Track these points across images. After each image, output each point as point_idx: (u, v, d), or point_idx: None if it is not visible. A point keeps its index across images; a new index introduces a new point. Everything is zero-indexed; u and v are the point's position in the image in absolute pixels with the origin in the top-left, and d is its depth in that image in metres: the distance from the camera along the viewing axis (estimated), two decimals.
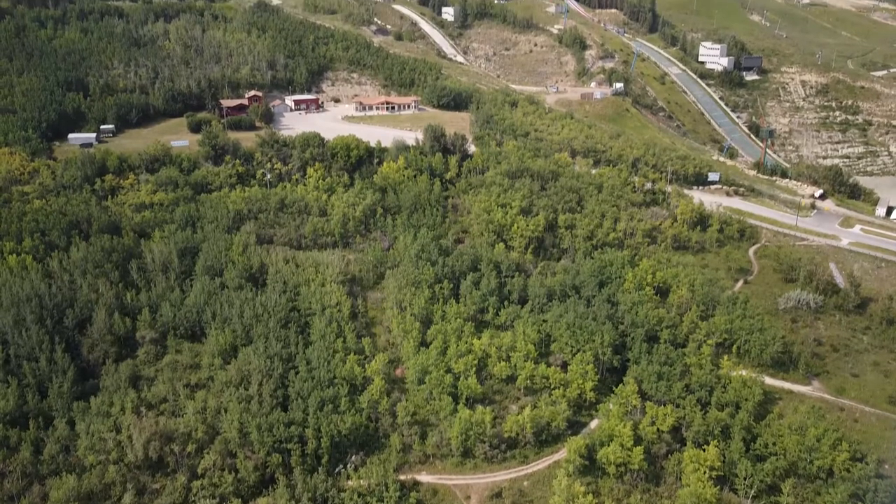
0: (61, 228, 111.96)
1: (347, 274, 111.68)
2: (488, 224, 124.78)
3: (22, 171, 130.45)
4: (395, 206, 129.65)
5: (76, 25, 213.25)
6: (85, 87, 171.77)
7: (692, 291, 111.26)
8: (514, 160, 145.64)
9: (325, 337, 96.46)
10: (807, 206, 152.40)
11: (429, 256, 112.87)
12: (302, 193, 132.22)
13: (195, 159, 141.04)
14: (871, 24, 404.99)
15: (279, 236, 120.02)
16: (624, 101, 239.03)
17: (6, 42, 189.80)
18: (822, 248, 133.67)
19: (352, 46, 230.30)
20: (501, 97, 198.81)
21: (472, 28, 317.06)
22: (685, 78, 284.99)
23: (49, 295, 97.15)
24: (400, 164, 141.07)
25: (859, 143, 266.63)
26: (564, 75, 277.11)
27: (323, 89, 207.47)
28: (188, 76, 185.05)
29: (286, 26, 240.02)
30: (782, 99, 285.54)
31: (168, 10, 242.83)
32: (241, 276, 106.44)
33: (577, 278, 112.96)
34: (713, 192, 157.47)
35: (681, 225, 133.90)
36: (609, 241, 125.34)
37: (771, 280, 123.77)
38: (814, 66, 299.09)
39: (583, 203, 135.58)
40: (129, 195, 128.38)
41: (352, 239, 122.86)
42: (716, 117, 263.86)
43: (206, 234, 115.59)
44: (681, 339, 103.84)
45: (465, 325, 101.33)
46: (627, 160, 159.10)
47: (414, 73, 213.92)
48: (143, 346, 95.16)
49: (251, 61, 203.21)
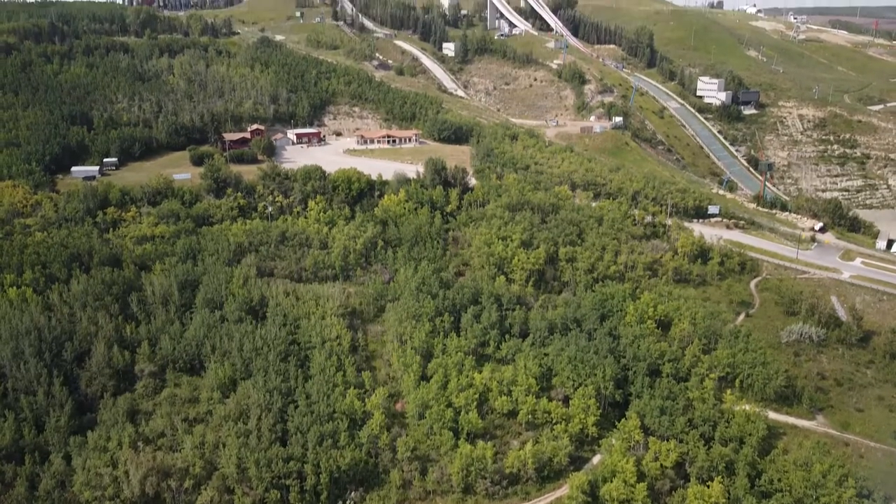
0: (62, 261, 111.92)
1: (348, 307, 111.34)
2: (489, 257, 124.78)
3: (25, 203, 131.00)
4: (396, 239, 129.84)
5: (82, 60, 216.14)
6: (89, 120, 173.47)
7: (694, 325, 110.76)
8: (514, 193, 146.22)
9: (324, 370, 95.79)
10: (807, 238, 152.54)
11: (429, 289, 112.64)
12: (303, 226, 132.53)
13: (197, 192, 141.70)
14: (867, 59, 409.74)
15: (280, 269, 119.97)
16: (623, 134, 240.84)
17: (12, 77, 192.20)
18: (823, 281, 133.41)
19: (353, 81, 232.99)
20: (502, 131, 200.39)
21: (473, 63, 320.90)
22: (684, 112, 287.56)
23: (48, 328, 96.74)
24: (401, 197, 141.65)
25: (858, 177, 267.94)
26: (564, 109, 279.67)
27: (325, 123, 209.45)
28: (191, 110, 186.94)
29: (289, 61, 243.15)
30: (780, 132, 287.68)
31: (173, 46, 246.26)
32: (242, 308, 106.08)
33: (579, 311, 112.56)
34: (713, 225, 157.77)
35: (681, 258, 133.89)
36: (610, 274, 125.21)
37: (773, 313, 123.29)
38: (811, 101, 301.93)
39: (583, 236, 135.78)
40: (131, 228, 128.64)
41: (352, 272, 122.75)
42: (715, 150, 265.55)
43: (206, 267, 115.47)
44: (683, 372, 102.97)
45: (466, 358, 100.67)
46: (627, 193, 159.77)
47: (415, 107, 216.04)
48: (142, 380, 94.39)
49: (254, 95, 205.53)
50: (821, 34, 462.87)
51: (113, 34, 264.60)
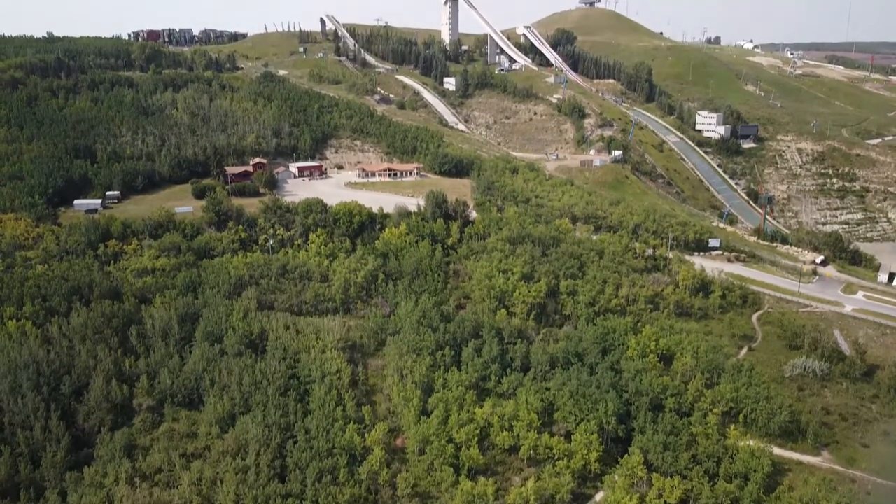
0: (62, 294, 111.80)
1: (348, 340, 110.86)
2: (490, 290, 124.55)
3: (27, 236, 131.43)
4: (397, 272, 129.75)
5: (87, 95, 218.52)
6: (93, 154, 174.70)
7: (696, 359, 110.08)
8: (515, 226, 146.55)
9: (324, 405, 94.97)
10: (808, 272, 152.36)
11: (430, 323, 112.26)
12: (304, 259, 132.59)
13: (198, 225, 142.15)
14: (864, 93, 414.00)
15: (280, 302, 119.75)
16: (623, 168, 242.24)
17: (18, 111, 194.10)
18: (825, 315, 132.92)
19: (355, 115, 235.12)
20: (502, 164, 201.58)
21: (474, 97, 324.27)
22: (683, 146, 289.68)
23: (47, 361, 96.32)
24: (402, 230, 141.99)
25: (858, 210, 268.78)
26: (564, 143, 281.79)
27: (326, 156, 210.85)
28: (194, 144, 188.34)
29: (291, 95, 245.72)
30: (779, 166, 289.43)
31: (177, 80, 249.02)
32: (241, 342, 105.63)
33: (580, 345, 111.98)
34: (714, 259, 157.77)
35: (683, 291, 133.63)
36: (611, 308, 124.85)
37: (775, 347, 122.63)
38: (809, 135, 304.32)
39: (584, 269, 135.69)
40: (132, 261, 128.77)
41: (353, 305, 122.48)
42: (714, 184, 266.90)
43: (206, 300, 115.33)
44: (686, 407, 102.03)
45: (467, 393, 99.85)
46: (628, 226, 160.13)
47: (416, 140, 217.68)
48: (140, 414, 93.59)
49: (257, 129, 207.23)
50: (817, 69, 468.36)
51: (118, 69, 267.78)
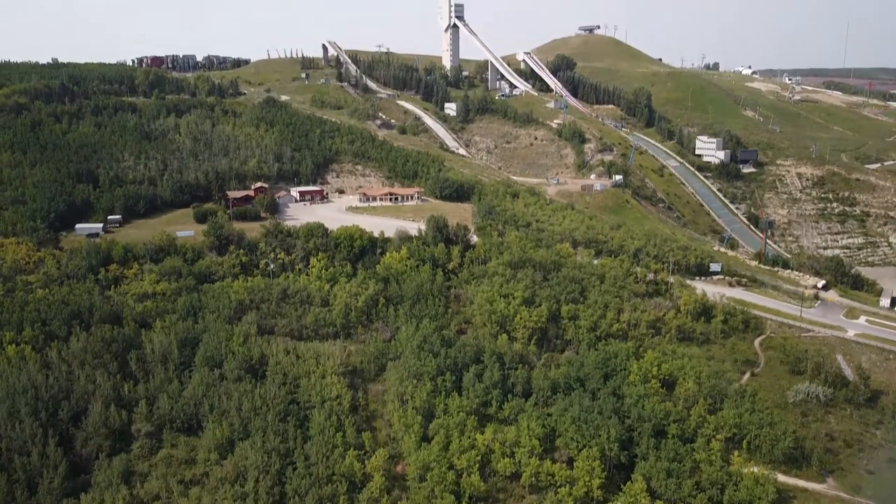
0: (62, 318, 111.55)
1: (348, 365, 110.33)
2: (491, 315, 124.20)
3: (28, 260, 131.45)
4: (398, 297, 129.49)
5: (90, 120, 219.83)
6: (95, 178, 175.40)
7: (699, 384, 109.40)
8: (516, 251, 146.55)
9: (324, 431, 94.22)
10: (810, 296, 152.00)
11: (431, 348, 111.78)
12: (304, 283, 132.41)
13: (200, 249, 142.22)
14: (862, 118, 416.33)
15: (280, 327, 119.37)
16: (624, 192, 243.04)
17: (22, 136, 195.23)
18: (828, 340, 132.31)
19: (357, 140, 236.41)
20: (503, 189, 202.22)
21: (474, 122, 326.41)
22: (683, 170, 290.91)
23: (45, 386, 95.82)
24: (403, 255, 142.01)
25: (858, 234, 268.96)
26: (565, 167, 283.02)
27: (328, 181, 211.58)
28: (196, 168, 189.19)
29: (293, 121, 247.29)
30: (780, 191, 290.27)
31: (180, 106, 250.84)
32: (241, 367, 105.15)
33: (582, 370, 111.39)
34: (715, 283, 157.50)
35: (684, 316, 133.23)
36: (613, 333, 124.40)
37: (778, 372, 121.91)
38: (808, 159, 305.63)
39: (585, 294, 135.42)
40: (133, 285, 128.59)
41: (353, 329, 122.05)
42: (715, 208, 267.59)
43: (207, 325, 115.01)
44: (689, 433, 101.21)
45: (468, 419, 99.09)
46: (629, 251, 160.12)
47: (417, 165, 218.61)
48: (138, 440, 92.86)
49: (258, 154, 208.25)
50: (816, 95, 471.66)
51: (122, 94, 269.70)
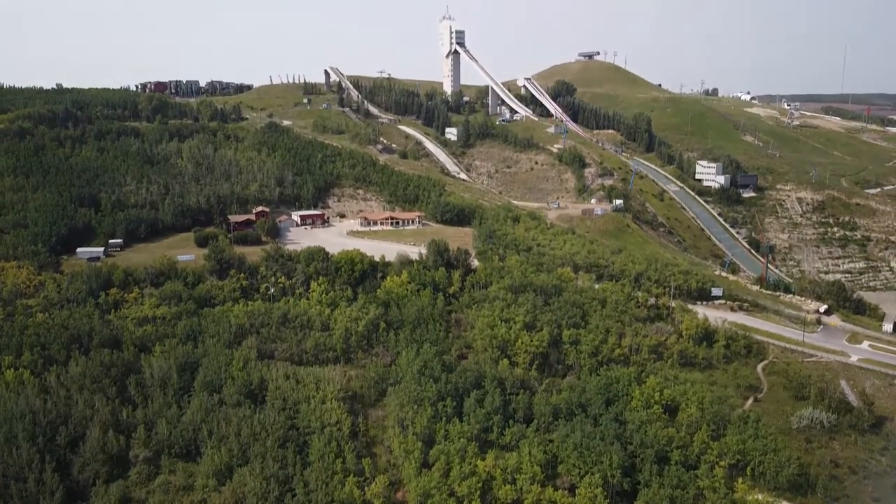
0: (62, 342, 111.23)
1: (348, 390, 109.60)
2: (492, 339, 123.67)
3: (28, 284, 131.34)
4: (398, 321, 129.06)
5: (93, 144, 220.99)
6: (97, 202, 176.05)
7: (702, 410, 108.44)
8: (516, 275, 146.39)
9: (323, 457, 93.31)
10: (812, 321, 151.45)
11: (432, 373, 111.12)
12: (305, 307, 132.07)
13: (200, 273, 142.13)
14: (861, 143, 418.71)
15: (280, 351, 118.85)
16: (624, 217, 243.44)
17: (25, 160, 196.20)
18: (831, 365, 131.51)
19: (358, 164, 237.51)
20: (504, 213, 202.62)
21: (475, 147, 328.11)
22: (683, 195, 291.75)
23: (44, 411, 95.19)
24: (403, 279, 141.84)
25: (860, 259, 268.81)
26: (565, 192, 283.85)
27: (329, 205, 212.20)
28: (198, 192, 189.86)
29: (295, 145, 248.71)
30: (780, 215, 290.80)
31: (183, 130, 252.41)
32: (241, 392, 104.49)
33: (584, 396, 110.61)
34: (717, 308, 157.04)
35: (686, 341, 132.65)
36: (614, 358, 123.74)
37: (781, 398, 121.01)
38: (808, 184, 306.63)
39: (587, 318, 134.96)
40: (133, 309, 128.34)
41: (354, 354, 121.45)
42: (715, 233, 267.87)
43: (206, 349, 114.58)
44: (692, 460, 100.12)
45: (469, 445, 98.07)
46: (630, 275, 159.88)
47: (418, 189, 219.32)
48: (136, 466, 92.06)
49: (260, 178, 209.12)
50: (814, 120, 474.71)
51: (125, 119, 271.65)
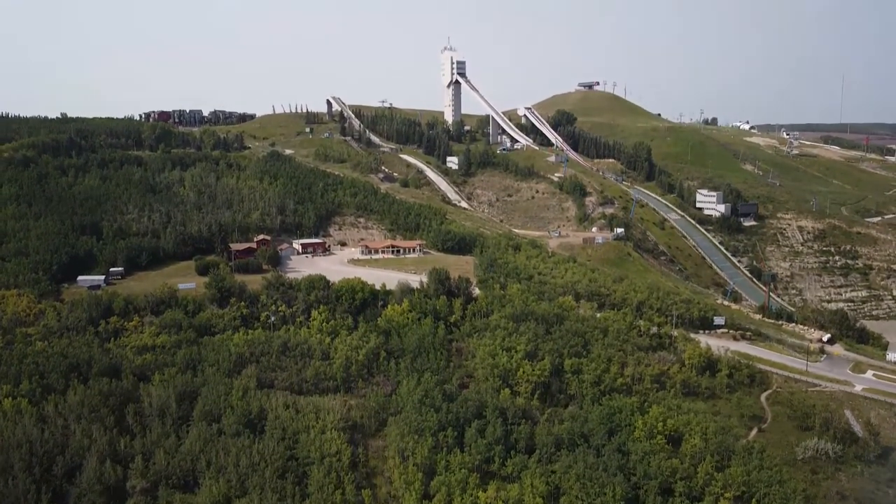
0: (60, 371, 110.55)
1: (348, 420, 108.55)
2: (493, 368, 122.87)
3: (28, 312, 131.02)
4: (399, 350, 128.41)
5: (96, 173, 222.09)
6: (99, 230, 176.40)
7: (705, 440, 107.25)
8: (518, 303, 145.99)
9: (323, 488, 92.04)
10: (816, 350, 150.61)
11: (432, 402, 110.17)
12: (305, 336, 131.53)
13: (201, 301, 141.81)
14: (861, 172, 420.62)
15: (280, 380, 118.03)
16: (625, 245, 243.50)
17: (28, 188, 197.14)
18: (835, 395, 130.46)
19: (359, 193, 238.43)
20: (505, 241, 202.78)
21: (476, 175, 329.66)
22: (684, 223, 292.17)
23: (41, 441, 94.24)
24: (404, 307, 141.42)
25: (862, 288, 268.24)
26: (566, 220, 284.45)
27: (330, 233, 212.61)
28: (200, 221, 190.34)
29: (297, 174, 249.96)
30: (781, 244, 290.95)
31: (185, 159, 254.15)
32: (240, 422, 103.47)
33: (586, 426, 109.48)
34: (719, 337, 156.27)
35: (689, 370, 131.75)
36: (617, 387, 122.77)
37: (786, 428, 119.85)
38: (809, 213, 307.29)
39: (589, 347, 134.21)
40: (132, 337, 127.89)
41: (354, 383, 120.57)
42: (717, 261, 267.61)
43: (206, 378, 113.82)
44: (696, 491, 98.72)
45: (470, 476, 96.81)
46: (632, 304, 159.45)
47: (419, 217, 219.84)
48: (133, 497, 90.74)
49: (262, 206, 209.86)
50: (814, 149, 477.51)
51: (129, 148, 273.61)
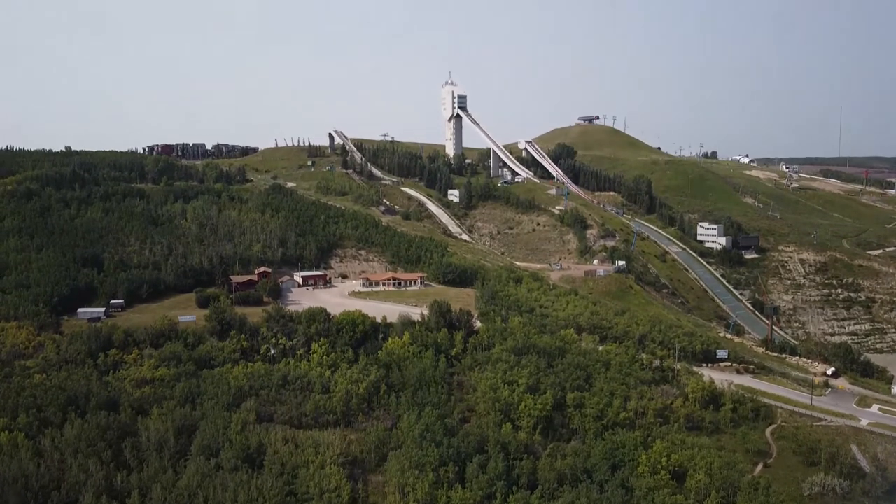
0: (58, 404, 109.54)
1: (348, 455, 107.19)
2: (495, 402, 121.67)
3: (27, 345, 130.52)
4: (400, 383, 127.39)
5: (99, 205, 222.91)
6: (100, 263, 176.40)
7: (710, 476, 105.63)
8: (519, 336, 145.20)
9: None
10: (820, 384, 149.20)
11: (433, 437, 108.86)
12: (305, 369, 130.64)
13: (201, 334, 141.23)
14: (861, 205, 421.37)
15: (280, 414, 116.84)
16: (627, 278, 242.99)
17: (30, 221, 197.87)
18: (841, 429, 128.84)
19: (361, 225, 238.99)
20: (506, 274, 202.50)
21: (477, 208, 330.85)
22: (685, 256, 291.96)
23: (37, 475, 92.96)
24: (405, 340, 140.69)
25: (865, 321, 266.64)
26: (567, 253, 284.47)
27: (331, 266, 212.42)
28: (201, 253, 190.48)
29: (298, 206, 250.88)
30: (783, 276, 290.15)
31: (188, 192, 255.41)
32: (238, 456, 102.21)
33: (589, 461, 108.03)
34: (723, 370, 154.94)
35: (693, 404, 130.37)
36: (620, 421, 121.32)
37: (791, 463, 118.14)
38: (810, 245, 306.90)
39: (591, 381, 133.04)
40: (132, 370, 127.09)
41: (354, 417, 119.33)
42: (719, 294, 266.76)
43: (205, 412, 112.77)
44: None
45: None
46: (634, 337, 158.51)
47: (420, 250, 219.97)
48: None
49: (263, 239, 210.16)
50: (813, 182, 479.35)
51: (132, 181, 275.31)
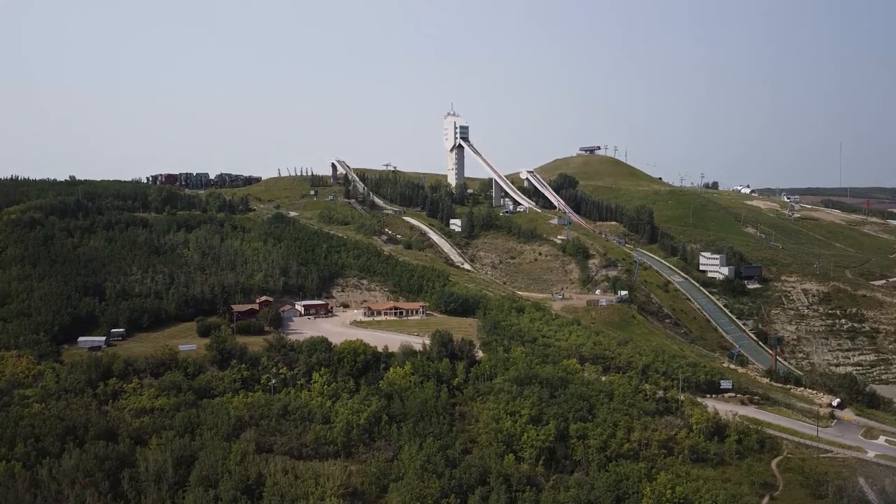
0: (56, 434, 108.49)
1: (349, 487, 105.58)
2: (497, 433, 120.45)
3: (27, 374, 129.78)
4: (401, 414, 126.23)
5: (102, 234, 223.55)
6: (102, 291, 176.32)
7: None
8: (522, 366, 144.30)
9: None
10: (826, 415, 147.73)
11: (435, 468, 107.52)
12: (306, 399, 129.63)
13: (201, 363, 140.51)
14: (863, 236, 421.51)
15: (280, 444, 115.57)
16: (629, 307, 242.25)
17: (33, 250, 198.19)
18: (848, 461, 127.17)
19: (362, 254, 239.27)
20: (508, 303, 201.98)
21: (479, 238, 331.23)
22: (688, 286, 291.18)
23: None
24: (407, 370, 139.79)
25: (870, 351, 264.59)
26: (569, 283, 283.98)
27: (333, 295, 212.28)
28: (203, 282, 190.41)
29: (301, 236, 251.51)
30: (786, 306, 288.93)
31: (190, 221, 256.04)
32: (237, 487, 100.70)
33: (592, 493, 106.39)
34: (727, 401, 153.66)
35: (697, 435, 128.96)
36: (623, 453, 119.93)
37: (798, 496, 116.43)
38: (813, 275, 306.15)
39: (594, 411, 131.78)
40: (131, 399, 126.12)
41: (355, 448, 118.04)
42: (722, 324, 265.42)
43: (204, 442, 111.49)
44: None
45: None
46: (637, 367, 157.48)
47: (422, 279, 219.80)
48: None
49: (265, 268, 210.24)
50: (815, 212, 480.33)
51: (135, 210, 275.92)
